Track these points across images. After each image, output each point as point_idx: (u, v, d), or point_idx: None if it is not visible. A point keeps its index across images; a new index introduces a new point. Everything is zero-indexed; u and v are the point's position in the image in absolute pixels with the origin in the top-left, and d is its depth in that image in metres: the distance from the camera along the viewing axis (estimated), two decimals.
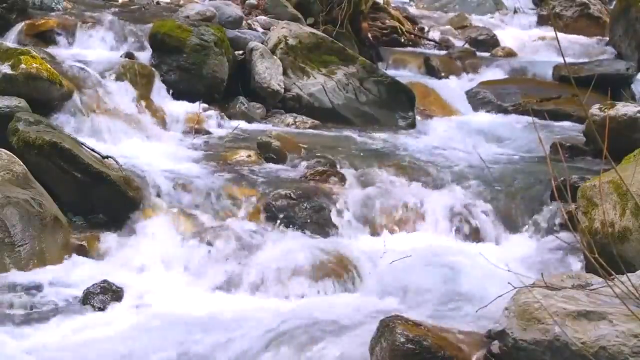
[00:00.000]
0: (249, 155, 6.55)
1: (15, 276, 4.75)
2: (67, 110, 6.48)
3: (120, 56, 7.70)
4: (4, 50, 6.43)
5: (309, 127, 7.67)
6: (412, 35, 11.28)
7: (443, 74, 9.81)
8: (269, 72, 7.92)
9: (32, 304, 4.56)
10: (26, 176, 5.29)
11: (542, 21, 12.59)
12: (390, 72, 9.05)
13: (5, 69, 6.19)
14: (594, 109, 6.63)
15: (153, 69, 7.58)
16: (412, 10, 12.61)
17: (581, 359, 3.42)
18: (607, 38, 11.16)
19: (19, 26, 7.95)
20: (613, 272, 3.53)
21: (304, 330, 4.30)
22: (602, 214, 4.78)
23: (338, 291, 5.00)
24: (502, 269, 4.01)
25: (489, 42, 11.28)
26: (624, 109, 6.64)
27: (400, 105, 8.15)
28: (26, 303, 4.56)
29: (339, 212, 5.80)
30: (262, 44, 8.24)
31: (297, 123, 7.71)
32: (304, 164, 6.45)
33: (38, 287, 4.70)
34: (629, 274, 3.57)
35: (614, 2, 11.32)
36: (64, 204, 5.48)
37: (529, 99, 8.75)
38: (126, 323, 4.42)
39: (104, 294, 4.66)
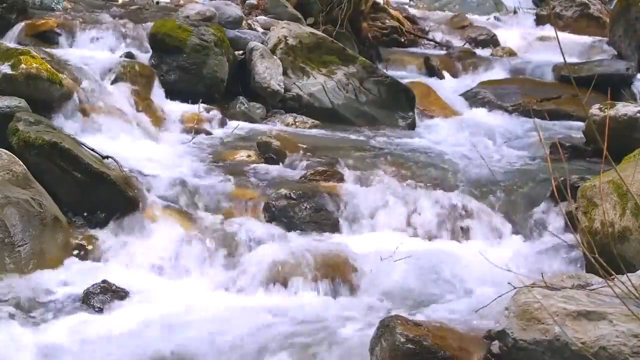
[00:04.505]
0: (249, 155, 6.55)
1: (15, 276, 4.75)
2: (67, 110, 6.47)
3: (120, 56, 7.70)
4: (4, 50, 6.43)
5: (309, 127, 7.67)
6: (412, 35, 11.28)
7: (443, 74, 9.81)
8: (269, 72, 7.92)
9: (32, 304, 4.56)
10: (26, 176, 5.29)
11: (542, 21, 12.58)
12: (390, 72, 9.05)
13: (5, 69, 6.18)
14: (594, 109, 6.63)
15: (153, 69, 7.58)
16: (412, 10, 12.61)
17: (581, 359, 3.42)
18: (607, 38, 11.16)
19: (19, 26, 7.96)
20: (613, 272, 3.53)
21: (304, 330, 4.30)
22: (602, 214, 4.78)
23: (338, 291, 5.00)
24: (502, 269, 4.01)
25: (489, 42, 11.28)
26: (624, 109, 6.64)
27: (400, 105, 8.15)
28: (26, 303, 4.56)
29: (339, 212, 5.80)
30: (262, 44, 8.24)
31: (297, 123, 7.71)
32: (304, 164, 6.45)
33: (38, 287, 4.70)
34: (629, 274, 3.57)
35: (614, 2, 11.31)
36: (64, 204, 5.48)
37: (529, 99, 8.75)
38: (126, 323, 4.42)
39: (104, 294, 4.66)
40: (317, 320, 4.44)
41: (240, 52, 8.17)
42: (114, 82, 7.17)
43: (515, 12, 13.08)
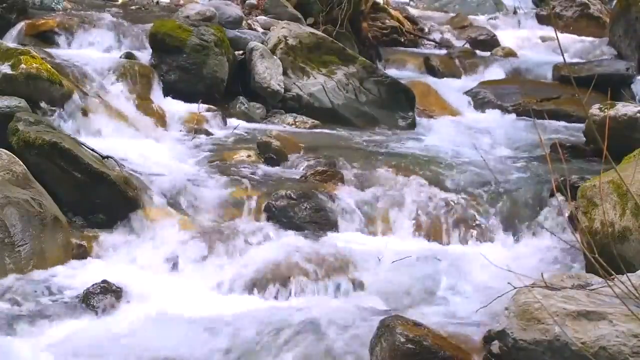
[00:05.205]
0: (249, 155, 6.55)
1: (15, 276, 4.75)
2: (67, 110, 6.47)
3: (120, 56, 7.69)
4: (4, 50, 6.43)
5: (309, 127, 7.67)
6: (412, 35, 11.28)
7: (443, 74, 9.81)
8: (269, 72, 7.93)
9: (32, 304, 4.56)
10: (26, 176, 5.29)
11: (542, 21, 12.58)
12: (390, 72, 9.05)
13: (5, 69, 6.19)
14: (594, 109, 6.63)
15: (153, 69, 7.58)
16: (412, 10, 12.61)
17: (581, 359, 3.42)
18: (607, 38, 11.16)
19: (19, 26, 7.96)
20: (613, 272, 3.53)
21: (304, 331, 4.30)
22: (602, 214, 4.78)
23: (338, 291, 5.00)
24: (502, 269, 4.01)
25: (489, 42, 11.28)
26: (624, 109, 6.64)
27: (400, 105, 8.15)
28: (26, 303, 4.56)
29: (339, 212, 5.80)
30: (262, 44, 8.24)
31: (297, 123, 7.71)
32: (304, 164, 6.45)
33: (38, 288, 4.70)
34: (629, 274, 3.57)
35: (614, 2, 11.31)
36: (64, 204, 5.48)
37: (529, 99, 8.75)
38: (126, 323, 4.41)
39: (104, 294, 4.66)
40: (317, 320, 4.43)
41: (240, 52, 8.17)
42: (114, 82, 7.17)
43: (515, 12, 13.07)
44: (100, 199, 5.51)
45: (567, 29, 11.92)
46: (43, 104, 6.26)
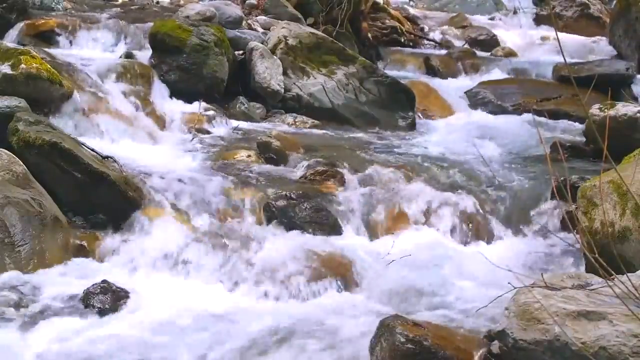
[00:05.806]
0: (249, 155, 6.55)
1: (15, 276, 4.75)
2: (67, 110, 6.47)
3: (120, 56, 7.70)
4: (4, 50, 6.43)
5: (309, 127, 7.67)
6: (412, 35, 11.28)
7: (443, 74, 9.81)
8: (269, 72, 7.93)
9: (32, 304, 4.56)
10: (26, 176, 5.29)
11: (542, 21, 12.59)
12: (390, 72, 9.05)
13: (5, 69, 6.19)
14: (594, 109, 6.63)
15: (153, 69, 7.58)
16: (412, 10, 12.62)
17: (581, 359, 3.42)
18: (607, 38, 11.16)
19: (19, 26, 7.97)
20: (613, 272, 3.53)
21: (304, 330, 4.31)
22: (602, 214, 4.78)
23: (338, 291, 5.00)
24: (502, 268, 4.01)
25: (489, 42, 11.29)
26: (624, 109, 6.64)
27: (400, 105, 8.15)
28: (26, 303, 4.56)
29: (339, 212, 5.80)
30: (262, 44, 8.24)
31: (297, 123, 7.71)
32: (304, 164, 6.44)
33: (38, 287, 4.70)
34: (629, 274, 3.57)
35: (614, 2, 11.32)
36: (64, 204, 5.47)
37: (529, 99, 8.75)
38: (126, 323, 4.42)
39: (104, 294, 4.66)
40: (317, 320, 4.44)
41: (240, 52, 8.17)
42: (114, 82, 7.17)
43: (515, 12, 13.08)
44: (100, 199, 5.51)
45: (567, 29, 11.93)
46: (43, 104, 6.27)
